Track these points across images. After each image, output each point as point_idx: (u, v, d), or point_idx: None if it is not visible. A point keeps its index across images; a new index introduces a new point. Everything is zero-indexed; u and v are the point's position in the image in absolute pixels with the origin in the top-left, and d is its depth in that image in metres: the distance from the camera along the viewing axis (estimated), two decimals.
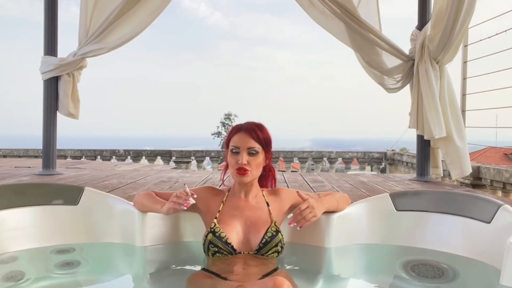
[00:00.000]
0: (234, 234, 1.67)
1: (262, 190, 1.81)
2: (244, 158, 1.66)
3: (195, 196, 1.66)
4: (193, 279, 1.60)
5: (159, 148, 8.89)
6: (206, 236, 1.67)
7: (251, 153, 1.67)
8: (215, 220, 1.69)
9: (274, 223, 1.71)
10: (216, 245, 1.64)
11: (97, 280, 1.72)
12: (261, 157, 1.71)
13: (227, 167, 1.80)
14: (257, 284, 1.42)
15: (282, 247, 1.70)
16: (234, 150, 1.69)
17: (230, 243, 1.64)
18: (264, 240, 1.66)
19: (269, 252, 1.66)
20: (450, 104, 3.82)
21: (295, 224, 1.65)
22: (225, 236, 1.65)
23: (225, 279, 1.52)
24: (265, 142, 1.71)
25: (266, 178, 1.86)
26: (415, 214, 1.94)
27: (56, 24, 4.33)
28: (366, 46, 4.10)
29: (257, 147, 1.68)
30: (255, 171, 1.70)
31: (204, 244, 1.68)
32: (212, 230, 1.67)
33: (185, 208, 1.65)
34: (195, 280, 1.59)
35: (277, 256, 1.70)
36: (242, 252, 1.66)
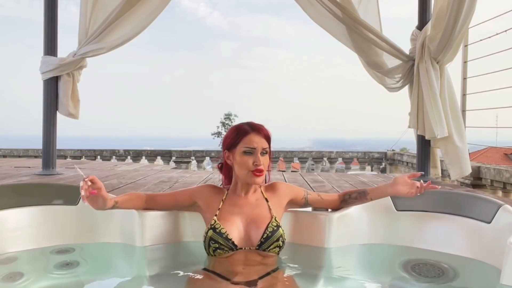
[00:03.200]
0: (234, 230, 1.67)
1: (260, 187, 1.82)
2: (261, 159, 1.67)
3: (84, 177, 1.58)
4: (193, 279, 1.60)
5: (159, 148, 8.90)
6: (207, 233, 1.67)
7: (263, 153, 1.69)
8: (215, 217, 1.70)
9: (275, 218, 1.71)
10: (216, 241, 1.64)
11: (97, 280, 1.72)
12: (268, 157, 1.73)
13: (225, 169, 1.81)
14: None
15: (283, 242, 1.70)
16: (248, 151, 1.67)
17: (230, 239, 1.64)
18: (266, 235, 1.66)
19: (271, 247, 1.67)
20: (450, 104, 3.82)
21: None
22: (226, 232, 1.65)
23: (225, 279, 1.52)
24: (270, 142, 1.75)
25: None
26: (415, 214, 1.94)
27: (56, 24, 4.33)
28: (366, 47, 4.09)
29: (267, 147, 1.71)
30: (266, 171, 1.72)
31: (204, 241, 1.68)
32: (212, 226, 1.67)
33: (89, 194, 1.59)
34: (195, 281, 1.59)
35: (278, 252, 1.70)
36: (244, 248, 1.66)
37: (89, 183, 1.58)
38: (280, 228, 1.70)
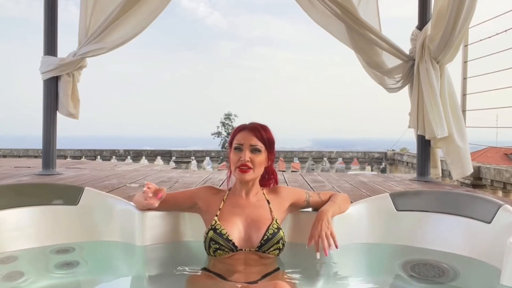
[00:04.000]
0: (235, 231, 1.67)
1: (262, 189, 1.82)
2: (247, 155, 1.67)
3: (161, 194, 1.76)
4: (193, 279, 1.60)
5: (159, 148, 8.90)
6: (207, 233, 1.67)
7: (254, 151, 1.69)
8: (215, 218, 1.70)
9: (276, 221, 1.71)
10: (217, 242, 1.64)
11: (97, 280, 1.72)
12: (263, 156, 1.72)
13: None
14: (258, 287, 1.42)
15: (283, 244, 1.70)
16: (237, 147, 1.70)
17: (231, 240, 1.64)
18: (266, 237, 1.66)
19: (271, 249, 1.67)
20: (451, 104, 3.82)
21: (324, 252, 1.64)
22: (226, 233, 1.65)
23: (225, 279, 1.52)
24: (268, 142, 1.73)
25: (268, 180, 1.86)
26: (415, 214, 1.94)
27: (56, 24, 4.32)
28: (366, 47, 4.09)
29: (260, 145, 1.70)
30: (257, 170, 1.71)
31: (205, 242, 1.68)
32: (213, 227, 1.67)
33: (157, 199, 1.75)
34: (195, 280, 1.59)
35: (278, 254, 1.70)
36: (244, 249, 1.66)
37: (150, 193, 1.73)
38: (280, 230, 1.70)
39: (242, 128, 1.74)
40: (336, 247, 1.67)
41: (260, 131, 1.71)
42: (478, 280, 1.70)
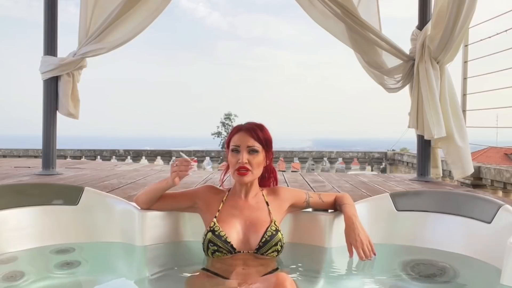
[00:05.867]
0: (233, 233, 1.67)
1: (261, 190, 1.82)
2: (244, 156, 1.67)
3: (195, 159, 1.73)
4: (193, 279, 1.60)
5: (159, 148, 8.89)
6: (206, 234, 1.67)
7: (251, 152, 1.68)
8: (214, 219, 1.70)
9: (274, 223, 1.71)
10: (215, 244, 1.64)
11: (97, 280, 1.72)
12: (261, 157, 1.71)
13: (228, 168, 1.81)
14: (260, 281, 1.42)
15: (281, 246, 1.70)
16: (234, 149, 1.70)
17: (229, 242, 1.64)
18: (264, 239, 1.66)
19: (269, 251, 1.67)
20: (451, 104, 3.82)
21: (368, 258, 1.67)
22: (225, 234, 1.65)
23: (225, 278, 1.52)
24: (265, 141, 1.72)
25: (268, 179, 1.86)
26: (415, 214, 1.94)
27: (56, 24, 4.33)
28: (366, 46, 4.09)
29: (257, 146, 1.69)
30: (255, 171, 1.71)
31: (203, 243, 1.68)
32: (211, 229, 1.67)
33: (189, 174, 1.74)
34: (195, 280, 1.59)
35: (276, 256, 1.70)
36: (242, 251, 1.66)
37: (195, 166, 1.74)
38: (279, 233, 1.70)
39: (238, 129, 1.73)
40: (375, 254, 1.70)
41: (256, 131, 1.70)
42: (478, 280, 1.70)
